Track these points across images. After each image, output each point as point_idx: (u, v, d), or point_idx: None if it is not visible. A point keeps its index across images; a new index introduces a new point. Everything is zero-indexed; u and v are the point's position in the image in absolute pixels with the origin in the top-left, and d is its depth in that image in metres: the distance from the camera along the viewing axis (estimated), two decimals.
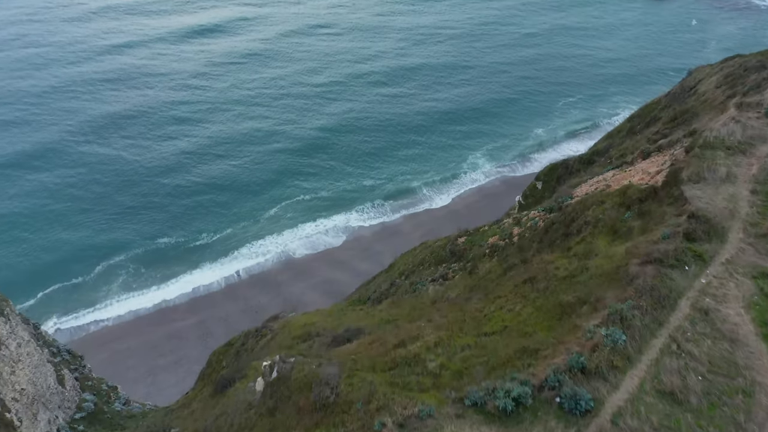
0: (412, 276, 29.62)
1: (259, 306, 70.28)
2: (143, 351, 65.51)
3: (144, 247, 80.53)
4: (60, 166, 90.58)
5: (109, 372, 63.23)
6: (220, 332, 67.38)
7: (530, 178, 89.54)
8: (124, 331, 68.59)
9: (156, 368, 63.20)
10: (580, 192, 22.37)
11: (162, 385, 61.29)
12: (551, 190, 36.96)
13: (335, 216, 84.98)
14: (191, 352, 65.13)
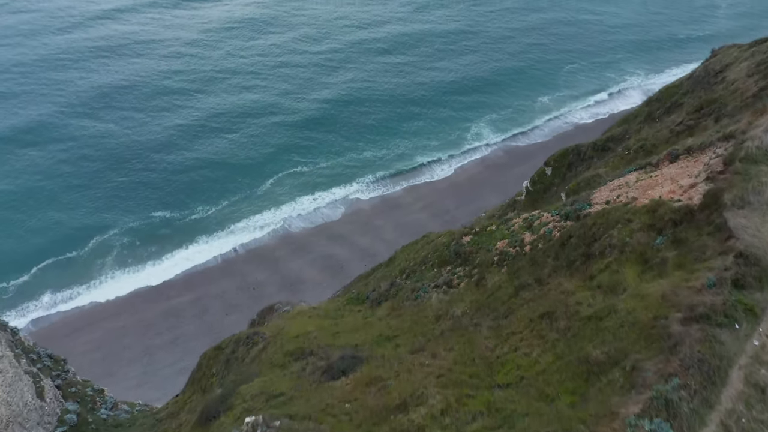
0: (414, 276, 27.77)
1: (256, 282, 68.87)
2: (139, 329, 64.36)
3: (138, 221, 78.69)
4: (50, 140, 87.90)
5: (104, 352, 62.35)
6: (217, 309, 66.25)
7: (535, 148, 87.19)
8: (118, 308, 67.31)
9: (152, 347, 62.12)
10: (599, 198, 20.28)
11: (158, 364, 60.29)
12: (561, 176, 34.85)
13: (334, 189, 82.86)
14: (188, 329, 64.01)
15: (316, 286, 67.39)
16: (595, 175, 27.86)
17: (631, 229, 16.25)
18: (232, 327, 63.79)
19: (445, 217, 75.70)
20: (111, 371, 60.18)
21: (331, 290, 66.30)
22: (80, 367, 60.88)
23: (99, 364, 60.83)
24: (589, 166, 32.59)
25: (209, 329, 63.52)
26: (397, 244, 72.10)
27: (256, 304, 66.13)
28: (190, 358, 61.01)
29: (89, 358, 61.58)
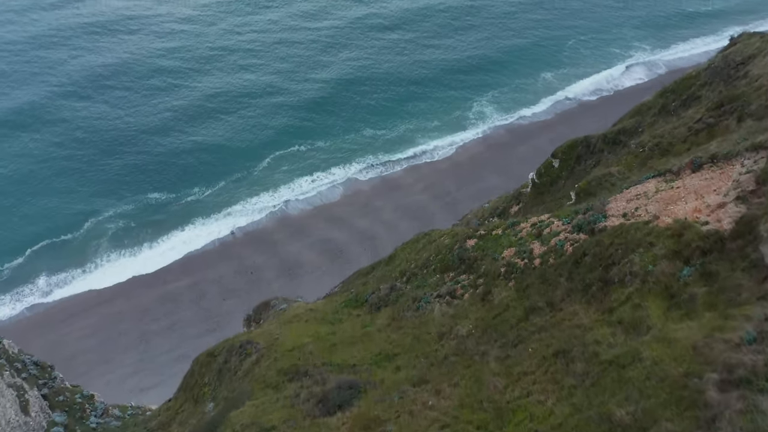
0: (415, 280, 26.49)
1: (254, 266, 67.75)
2: (135, 315, 63.45)
3: (134, 203, 77.34)
4: (42, 122, 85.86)
5: (100, 338, 61.51)
6: (214, 294, 65.27)
7: (537, 127, 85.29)
8: (114, 293, 66.32)
9: (149, 333, 61.28)
10: (615, 209, 18.86)
11: (155, 351, 59.51)
12: (569, 169, 33.34)
13: (333, 169, 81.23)
14: (185, 315, 63.11)
15: (314, 270, 66.34)
16: (607, 174, 26.37)
17: (654, 255, 14.85)
18: (230, 313, 62.97)
19: (446, 198, 74.31)
20: (107, 358, 59.48)
21: (329, 276, 65.31)
22: (76, 353, 60.36)
23: (95, 351, 60.12)
24: (599, 160, 31.07)
25: (206, 315, 62.66)
26: (396, 227, 71.10)
27: (253, 289, 65.26)
28: (187, 345, 60.31)
29: (85, 344, 60.85)
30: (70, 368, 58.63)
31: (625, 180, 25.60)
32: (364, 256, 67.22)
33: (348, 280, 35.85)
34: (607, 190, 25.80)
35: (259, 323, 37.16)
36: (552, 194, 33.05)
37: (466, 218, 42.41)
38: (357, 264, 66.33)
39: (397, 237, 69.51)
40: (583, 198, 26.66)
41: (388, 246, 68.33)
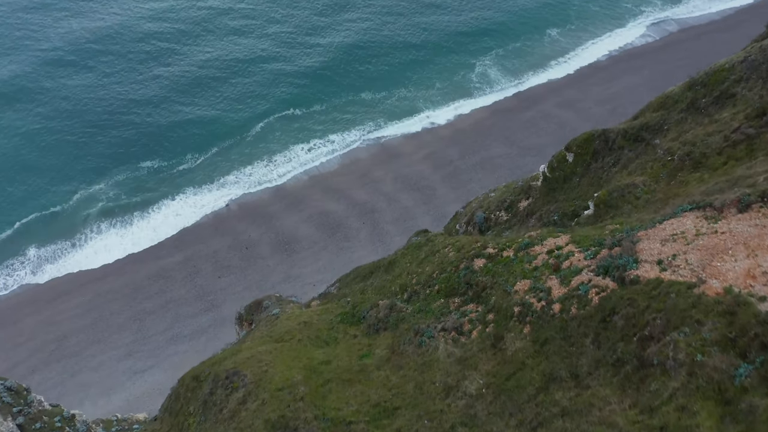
0: (417, 300, 24.30)
1: (249, 241, 65.60)
2: (127, 293, 61.67)
3: (125, 173, 74.64)
4: (26, 91, 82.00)
5: (93, 317, 59.88)
6: (209, 271, 63.33)
7: (542, 90, 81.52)
8: (105, 270, 64.40)
9: (142, 312, 59.62)
10: (648, 251, 16.47)
11: (149, 331, 57.97)
12: (585, 165, 30.65)
13: (330, 136, 78.07)
14: (178, 293, 61.31)
15: (311, 245, 64.23)
16: (631, 186, 23.80)
17: (703, 339, 12.53)
18: (225, 290, 61.24)
19: (447, 168, 71.54)
20: (100, 338, 58.03)
21: (327, 252, 63.32)
22: (68, 333, 58.83)
23: (88, 331, 58.62)
24: (619, 158, 28.38)
25: (201, 293, 60.89)
26: (397, 199, 68.62)
27: (249, 265, 63.34)
28: (181, 325, 58.78)
29: (77, 324, 59.30)
30: (63, 349, 57.46)
31: (651, 193, 23.06)
32: (363, 231, 65.15)
33: (346, 280, 33.67)
34: (631, 204, 23.31)
35: (251, 325, 35.24)
36: (565, 192, 30.50)
37: (470, 206, 39.92)
38: (356, 240, 64.35)
39: (398, 210, 67.33)
40: (603, 211, 24.19)
41: (388, 220, 66.22)
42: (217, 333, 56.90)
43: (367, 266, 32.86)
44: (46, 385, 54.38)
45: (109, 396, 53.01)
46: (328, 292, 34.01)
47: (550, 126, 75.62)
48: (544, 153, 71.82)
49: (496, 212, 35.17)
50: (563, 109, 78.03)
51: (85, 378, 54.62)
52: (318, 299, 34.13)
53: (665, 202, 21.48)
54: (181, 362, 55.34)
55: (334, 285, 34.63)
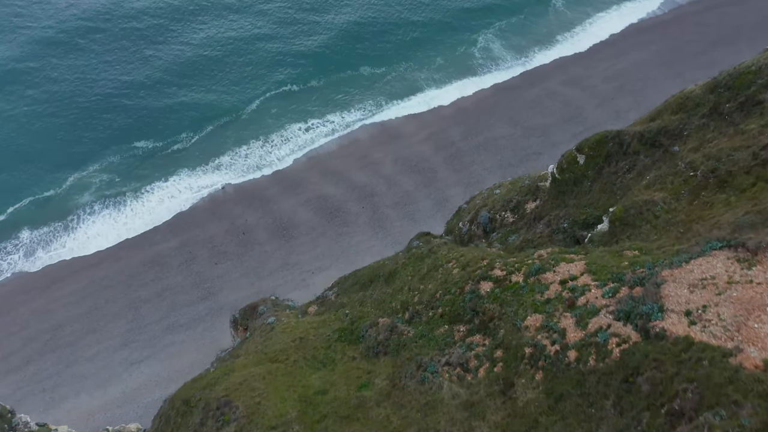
0: (419, 322, 22.91)
1: (246, 226, 64.08)
2: (122, 280, 60.43)
3: (118, 155, 72.74)
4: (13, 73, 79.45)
5: (87, 305, 58.76)
6: (205, 257, 61.97)
7: (549, 68, 78.86)
8: (100, 256, 63.05)
9: (137, 301, 58.46)
10: (674, 298, 14.98)
11: (144, 320, 56.86)
12: (597, 169, 28.91)
13: (328, 115, 75.83)
14: (174, 280, 60.06)
15: (309, 231, 62.73)
16: (650, 202, 22.15)
17: (741, 427, 11.10)
18: (221, 278, 59.95)
19: (449, 150, 69.57)
20: (95, 327, 56.99)
21: (325, 238, 61.85)
22: (63, 322, 57.76)
23: (83, 320, 57.53)
24: (634, 163, 26.66)
25: (197, 281, 59.65)
26: (397, 182, 66.81)
27: (246, 251, 61.95)
28: (178, 314, 57.63)
29: (72, 312, 58.20)
30: (58, 339, 56.46)
31: (671, 212, 21.43)
32: (362, 216, 63.58)
33: (344, 285, 32.25)
34: (650, 224, 21.71)
35: (245, 330, 33.99)
36: (576, 196, 28.85)
37: (473, 202, 38.28)
38: (355, 225, 62.81)
39: (398, 194, 65.59)
40: (619, 229, 22.60)
41: (388, 204, 64.54)
42: (214, 322, 55.88)
43: (366, 272, 31.40)
44: (41, 376, 53.66)
45: (105, 388, 52.21)
46: (326, 297, 32.64)
47: (555, 104, 73.36)
48: (548, 134, 69.94)
49: (501, 212, 33.57)
50: (569, 87, 75.66)
51: (81, 369, 53.76)
52: (315, 304, 32.81)
53: (688, 225, 19.87)
54: (178, 352, 54.59)
55: (332, 289, 33.24)
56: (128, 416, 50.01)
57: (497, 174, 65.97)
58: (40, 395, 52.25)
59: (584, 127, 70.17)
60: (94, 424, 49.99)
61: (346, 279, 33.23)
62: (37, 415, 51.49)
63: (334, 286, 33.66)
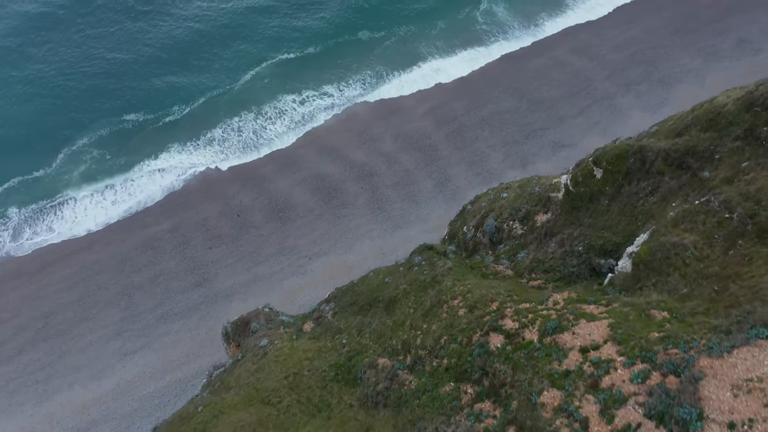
0: (422, 372, 21.11)
1: (241, 207, 61.86)
2: (114, 265, 58.63)
3: (108, 128, 70.05)
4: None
5: (79, 292, 57.16)
6: (199, 241, 60.00)
7: (557, 36, 74.83)
8: (91, 239, 61.07)
9: (130, 287, 56.77)
10: (715, 402, 13.13)
11: (138, 308, 55.27)
12: (616, 187, 26.55)
13: (325, 86, 72.62)
14: (168, 265, 58.24)
15: (307, 213, 60.54)
16: (678, 245, 19.96)
17: None
18: (216, 263, 58.00)
19: (451, 125, 66.69)
20: (88, 315, 55.49)
21: (323, 221, 59.72)
22: (55, 310, 56.14)
23: (75, 308, 55.99)
24: (658, 185, 24.32)
25: (191, 266, 57.83)
26: (397, 160, 64.08)
27: (241, 234, 59.91)
28: (172, 301, 55.97)
29: (63, 299, 56.61)
30: (50, 327, 55.00)
31: (703, 261, 19.29)
32: (361, 197, 61.27)
33: (342, 302, 30.35)
34: (679, 271, 19.59)
35: (238, 347, 32.26)
36: (591, 215, 26.62)
37: (478, 203, 35.98)
38: (353, 207, 60.54)
39: (398, 173, 63.04)
40: (644, 273, 20.51)
41: (387, 184, 62.08)
42: (210, 311, 54.39)
43: (365, 289, 29.45)
44: (34, 367, 52.47)
45: (100, 380, 51.05)
46: (323, 313, 30.79)
47: (562, 76, 70.04)
48: (555, 108, 66.98)
49: (509, 222, 31.37)
50: (577, 56, 72.15)
51: (74, 359, 52.50)
52: (311, 320, 31.00)
53: (723, 283, 17.77)
54: (173, 342, 53.20)
55: (329, 304, 31.35)
56: (123, 410, 49.06)
57: (501, 151, 63.45)
58: (33, 387, 51.17)
59: (593, 100, 67.27)
60: (89, 418, 49.15)
61: (343, 293, 31.33)
62: (30, 407, 50.82)
63: (331, 300, 31.79)
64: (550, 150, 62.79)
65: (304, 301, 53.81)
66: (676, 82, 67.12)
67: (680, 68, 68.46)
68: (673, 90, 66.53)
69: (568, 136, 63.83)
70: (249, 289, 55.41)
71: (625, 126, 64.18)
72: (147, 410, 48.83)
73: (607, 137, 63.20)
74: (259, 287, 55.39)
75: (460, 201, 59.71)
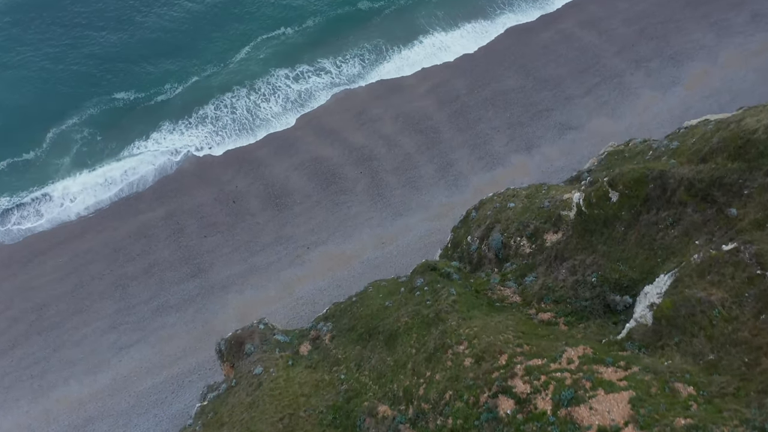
0: (425, 429, 19.80)
1: (236, 193, 60.01)
2: (107, 254, 57.11)
3: (99, 107, 67.61)
4: None
5: (72, 282, 55.86)
6: (194, 228, 58.38)
7: (572, 11, 70.98)
8: (83, 226, 59.39)
9: (124, 277, 55.40)
10: None
11: (133, 299, 54.02)
12: (633, 213, 24.72)
13: (320, 60, 69.73)
14: (162, 255, 56.73)
15: (304, 199, 58.71)
16: (705, 302, 18.33)
17: None
18: (212, 253, 56.45)
19: (454, 105, 64.22)
20: (81, 307, 54.27)
21: (321, 209, 58.00)
22: (48, 301, 54.84)
23: (68, 299, 54.74)
24: (680, 218, 22.56)
25: (186, 255, 56.34)
26: (397, 143, 61.79)
27: (237, 222, 58.24)
28: (167, 293, 54.63)
29: (56, 290, 55.31)
30: (44, 320, 53.84)
31: (731, 322, 17.72)
32: (360, 182, 59.37)
33: (340, 323, 28.95)
34: (704, 332, 18.05)
35: (232, 367, 30.99)
36: (606, 242, 24.94)
37: (483, 210, 34.14)
38: (352, 193, 58.70)
39: (399, 157, 60.92)
40: (666, 330, 18.97)
41: (388, 169, 60.05)
42: (206, 303, 53.22)
43: (364, 313, 27.94)
44: (29, 361, 51.56)
45: (96, 375, 50.21)
46: (320, 335, 29.40)
47: (570, 52, 67.16)
48: (561, 86, 64.49)
49: (516, 238, 29.70)
50: (585, 30, 69.08)
51: (69, 353, 51.55)
52: (308, 341, 29.63)
53: (754, 354, 16.26)
54: (169, 336, 52.14)
55: (326, 323, 29.90)
56: (120, 406, 48.34)
57: (505, 134, 61.23)
58: (28, 382, 50.36)
59: (601, 78, 64.68)
60: (85, 414, 48.48)
61: (342, 312, 29.85)
62: (26, 403, 50.11)
63: (329, 318, 30.33)
64: (556, 132, 60.56)
65: (303, 294, 52.60)
66: (687, 59, 64.37)
67: (692, 44, 65.56)
68: (684, 67, 63.86)
69: (575, 117, 61.50)
70: (246, 280, 54.09)
71: (634, 106, 61.96)
72: (144, 407, 48.14)
73: (616, 118, 61.06)
74: (256, 278, 54.08)
75: (462, 187, 57.98)
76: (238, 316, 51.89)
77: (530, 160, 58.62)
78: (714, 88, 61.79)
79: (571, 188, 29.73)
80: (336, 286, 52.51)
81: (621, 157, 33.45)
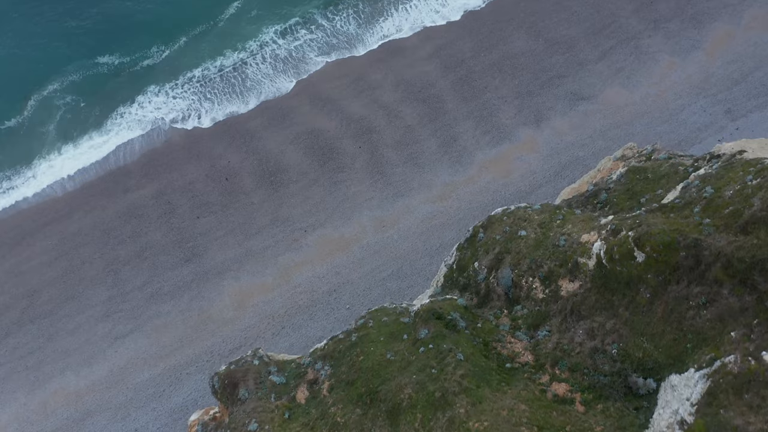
0: None
1: (229, 170, 57.18)
2: (97, 236, 55.02)
3: (82, 71, 64.04)
4: None
5: (62, 267, 54.37)
6: (186, 208, 56.07)
7: None
8: (70, 204, 57.01)
9: (116, 262, 53.56)
10: None
11: (125, 286, 52.39)
12: (660, 280, 22.34)
13: (316, 19, 64.98)
14: (154, 237, 54.64)
15: (300, 177, 55.94)
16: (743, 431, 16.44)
17: None
18: (205, 235, 54.32)
19: (458, 71, 60.18)
20: (73, 294, 52.78)
21: (319, 187, 55.49)
22: (38, 287, 53.27)
23: (59, 285, 53.21)
24: (714, 299, 20.29)
25: (179, 238, 54.24)
26: (399, 114, 58.25)
27: (230, 202, 55.81)
28: (161, 278, 52.91)
29: (46, 275, 53.72)
30: (36, 307, 52.49)
31: None
32: (359, 158, 56.45)
33: (339, 369, 27.30)
34: None
35: (227, 409, 29.58)
36: (628, 306, 22.86)
37: (491, 233, 31.59)
38: (351, 171, 55.92)
39: (399, 130, 57.65)
40: None
41: (388, 143, 56.90)
42: (201, 291, 51.62)
43: (365, 367, 26.17)
44: (23, 351, 50.61)
45: (91, 366, 49.28)
46: (318, 379, 27.80)
47: (584, 9, 62.37)
48: (574, 49, 60.32)
49: (528, 278, 27.54)
50: None
51: (63, 343, 50.47)
52: (306, 384, 28.10)
53: None
54: (164, 325, 50.78)
55: (324, 365, 28.21)
56: (118, 399, 47.66)
57: (513, 104, 57.65)
58: (24, 373, 49.55)
59: (616, 40, 60.34)
60: (83, 408, 47.86)
61: (341, 355, 28.07)
62: (23, 395, 49.44)
63: (327, 357, 28.59)
64: (567, 103, 56.98)
65: (301, 281, 50.84)
66: (709, 20, 59.76)
67: (715, 2, 60.69)
68: (706, 29, 59.38)
69: (587, 86, 57.73)
70: (242, 265, 52.26)
71: (651, 73, 58.05)
72: (142, 400, 47.47)
73: (631, 88, 57.36)
74: (253, 263, 52.22)
75: (466, 165, 55.09)
76: (235, 304, 50.50)
77: (539, 135, 55.38)
78: (737, 53, 57.65)
79: (589, 226, 27.20)
80: (335, 273, 50.74)
81: (643, 177, 30.71)
